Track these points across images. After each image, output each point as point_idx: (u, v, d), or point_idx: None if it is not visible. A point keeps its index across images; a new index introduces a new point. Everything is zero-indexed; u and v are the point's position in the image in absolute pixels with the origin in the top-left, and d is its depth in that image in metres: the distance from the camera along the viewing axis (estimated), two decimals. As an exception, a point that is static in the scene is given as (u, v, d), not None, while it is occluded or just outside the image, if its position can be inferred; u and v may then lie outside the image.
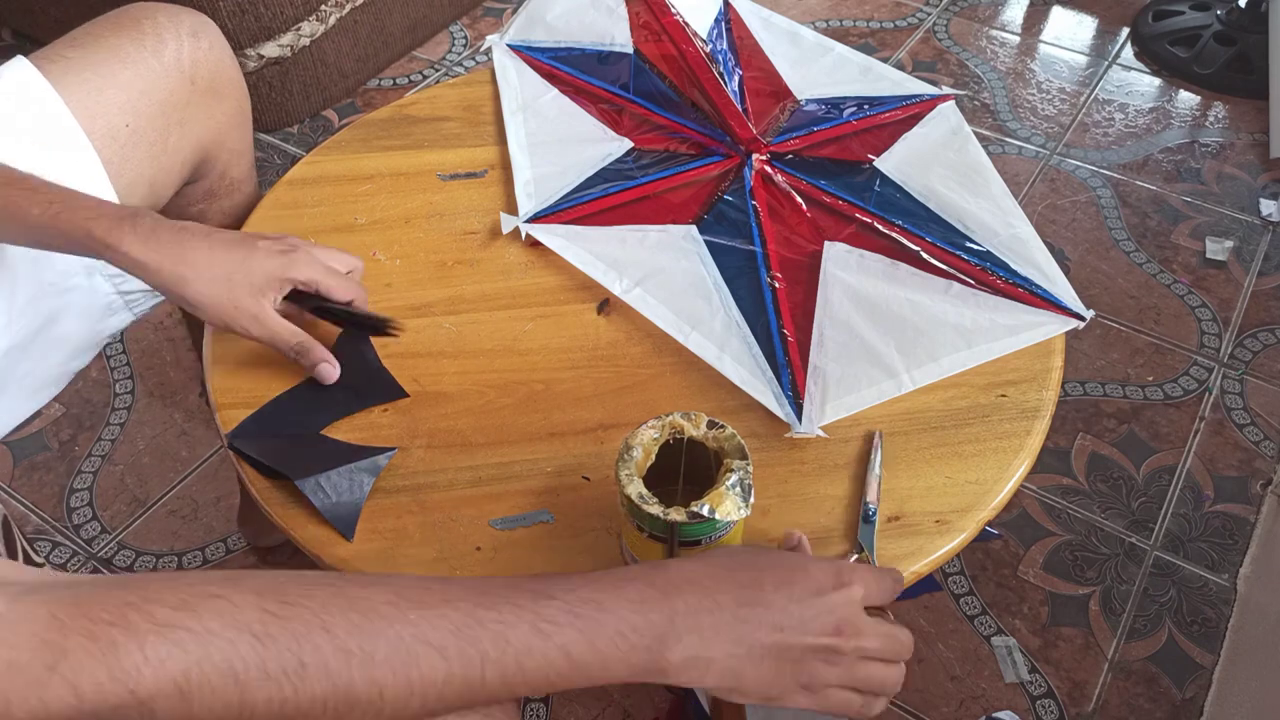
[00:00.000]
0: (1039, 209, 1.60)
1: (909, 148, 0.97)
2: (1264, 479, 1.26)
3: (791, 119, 0.99)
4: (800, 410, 0.74)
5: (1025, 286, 0.83)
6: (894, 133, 0.98)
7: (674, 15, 1.05)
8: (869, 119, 0.99)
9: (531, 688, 0.49)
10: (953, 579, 1.17)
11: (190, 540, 1.24)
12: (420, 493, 0.72)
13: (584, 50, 1.06)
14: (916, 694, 1.07)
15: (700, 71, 1.00)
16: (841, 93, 1.03)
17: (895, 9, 2.02)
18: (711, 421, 0.63)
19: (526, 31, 1.09)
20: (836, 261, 0.86)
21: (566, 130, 0.98)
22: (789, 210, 0.90)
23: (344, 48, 1.76)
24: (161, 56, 0.82)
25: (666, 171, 0.93)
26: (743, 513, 0.60)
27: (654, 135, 0.98)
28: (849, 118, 0.99)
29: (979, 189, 0.92)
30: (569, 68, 1.04)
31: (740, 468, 0.61)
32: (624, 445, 0.62)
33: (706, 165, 0.94)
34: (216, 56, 0.87)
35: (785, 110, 1.00)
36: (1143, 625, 1.13)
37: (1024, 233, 0.88)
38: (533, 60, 1.05)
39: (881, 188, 0.92)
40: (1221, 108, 1.80)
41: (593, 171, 0.93)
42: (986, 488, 0.71)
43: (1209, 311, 1.45)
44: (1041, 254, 0.86)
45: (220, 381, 0.78)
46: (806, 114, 1.00)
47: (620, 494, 0.61)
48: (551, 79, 1.04)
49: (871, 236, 0.88)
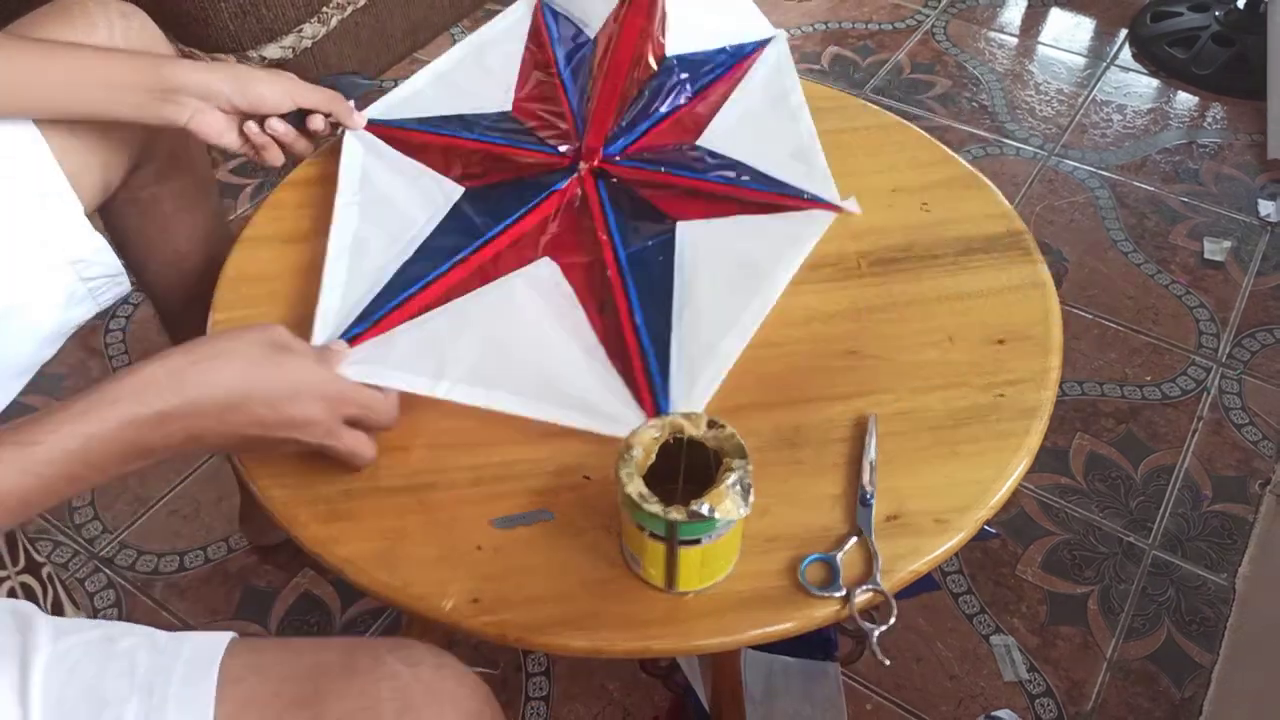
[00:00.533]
0: (1037, 210, 1.61)
1: (733, 113, 0.99)
2: (1262, 478, 1.26)
3: (636, 111, 0.98)
4: (661, 401, 0.74)
5: (789, 193, 0.89)
6: (724, 95, 1.01)
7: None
8: (700, 95, 1.00)
9: (43, 506, 0.58)
10: (951, 578, 1.17)
11: (192, 540, 1.24)
12: (421, 492, 0.72)
13: (462, 115, 0.98)
14: (915, 693, 1.07)
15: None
16: (695, 46, 1.04)
17: (894, 11, 2.02)
18: (711, 421, 0.64)
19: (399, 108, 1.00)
20: (689, 239, 0.87)
21: (395, 199, 0.89)
22: (629, 203, 0.90)
23: (345, 50, 1.76)
24: (93, 39, 0.84)
25: (498, 228, 0.86)
26: (742, 512, 0.60)
27: (485, 169, 0.92)
28: (682, 99, 1.00)
29: (785, 127, 0.97)
30: (441, 130, 0.96)
31: (740, 467, 0.61)
32: (624, 445, 0.63)
33: (542, 201, 0.89)
34: (148, 38, 0.89)
35: (635, 96, 0.99)
36: (1141, 624, 1.13)
37: (805, 148, 0.94)
38: (397, 132, 0.96)
39: (713, 159, 0.94)
40: (1219, 108, 1.81)
41: (409, 255, 0.84)
42: (985, 487, 0.71)
43: (1207, 311, 1.46)
44: (814, 160, 0.93)
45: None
46: (647, 106, 0.98)
47: (620, 493, 0.61)
48: (405, 145, 0.94)
49: (720, 203, 0.90)
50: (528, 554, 0.69)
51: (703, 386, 0.76)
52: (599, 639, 0.65)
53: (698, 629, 0.65)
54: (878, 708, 1.06)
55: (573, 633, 0.65)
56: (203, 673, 0.55)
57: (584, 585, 0.67)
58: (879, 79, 1.87)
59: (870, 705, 1.07)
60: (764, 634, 0.65)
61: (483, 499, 0.71)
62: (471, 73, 1.04)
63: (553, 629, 0.65)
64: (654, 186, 0.91)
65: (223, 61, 0.77)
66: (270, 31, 1.61)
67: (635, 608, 0.66)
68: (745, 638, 0.65)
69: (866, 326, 0.82)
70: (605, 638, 0.65)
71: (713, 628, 0.65)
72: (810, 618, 0.65)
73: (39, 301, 0.82)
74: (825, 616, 0.66)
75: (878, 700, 1.07)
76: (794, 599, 0.66)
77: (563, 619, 0.65)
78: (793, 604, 0.66)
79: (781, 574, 0.67)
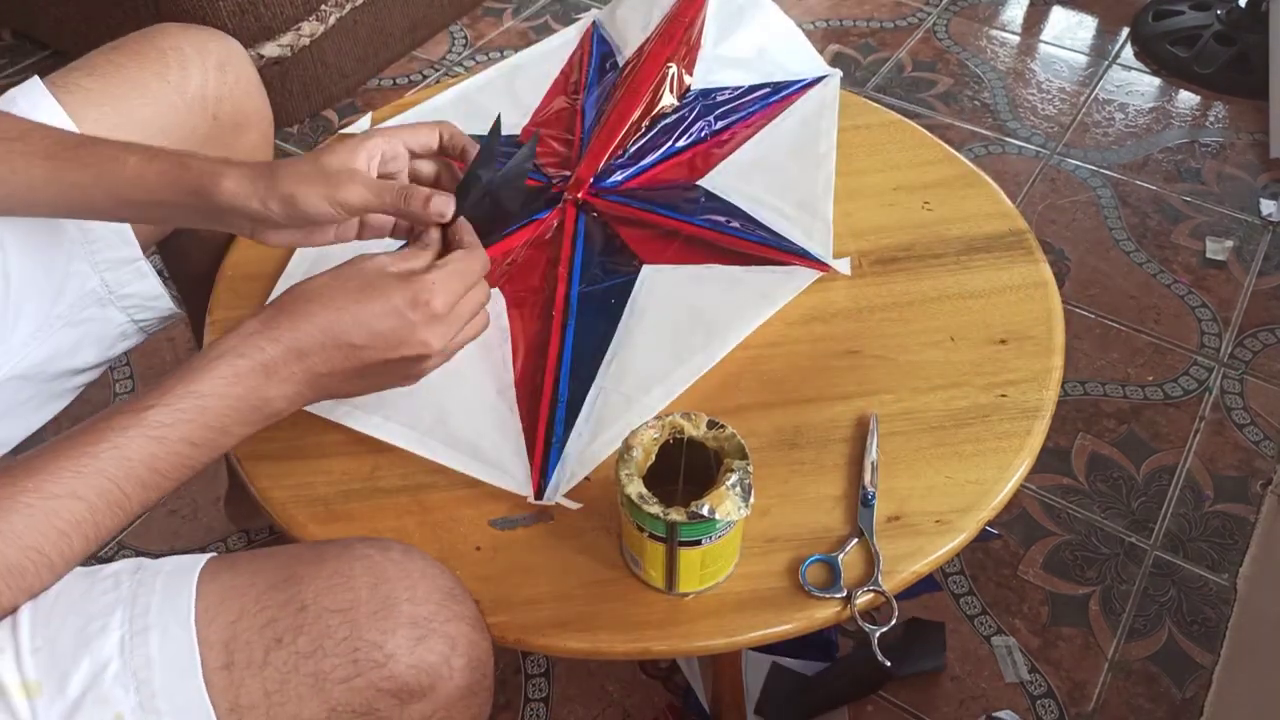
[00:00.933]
0: (1039, 209, 1.60)
1: (750, 154, 0.95)
2: (1264, 479, 1.26)
3: (645, 143, 0.95)
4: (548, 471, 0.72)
5: (775, 245, 0.85)
6: (751, 134, 0.96)
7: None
8: (725, 133, 0.95)
9: (179, 477, 0.59)
10: (953, 579, 1.17)
11: (191, 540, 1.24)
12: (420, 492, 0.72)
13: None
14: (916, 693, 1.07)
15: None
16: (734, 81, 1.00)
17: (895, 9, 2.02)
18: (712, 421, 0.63)
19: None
20: (650, 284, 0.83)
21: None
22: (602, 239, 0.87)
23: (344, 48, 1.76)
24: (185, 92, 0.80)
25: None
26: (743, 512, 0.60)
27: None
28: (704, 135, 0.95)
29: (802, 174, 0.92)
30: None
31: (740, 468, 0.61)
32: (624, 445, 0.62)
33: (520, 228, 0.87)
34: (243, 90, 0.84)
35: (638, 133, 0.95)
36: (1143, 625, 1.13)
37: (811, 193, 0.89)
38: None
39: (708, 201, 0.90)
40: (1221, 107, 1.80)
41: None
42: (986, 488, 0.71)
43: (1209, 311, 1.45)
44: (820, 210, 0.88)
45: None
46: (651, 142, 0.95)
47: (620, 494, 0.61)
48: None
49: (698, 249, 0.86)
50: (526, 555, 0.68)
51: (604, 441, 0.73)
52: (598, 640, 0.64)
53: (698, 630, 0.65)
54: (879, 708, 1.06)
55: (572, 634, 0.65)
56: (184, 578, 0.58)
57: (583, 586, 0.67)
58: (880, 77, 1.86)
59: (871, 706, 1.06)
60: (765, 635, 0.65)
61: (481, 499, 0.71)
62: (497, 94, 1.02)
63: (552, 630, 0.65)
64: (634, 224, 0.89)
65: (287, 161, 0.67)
66: (269, 30, 1.61)
67: (635, 609, 0.65)
68: (746, 639, 0.65)
69: (868, 326, 0.82)
70: (605, 639, 0.65)
71: (713, 629, 0.65)
72: (811, 619, 0.65)
73: (89, 341, 0.81)
74: (826, 618, 0.65)
75: (879, 701, 1.07)
76: (795, 600, 0.65)
77: (562, 620, 0.65)
78: (793, 605, 0.65)
79: (782, 575, 0.67)
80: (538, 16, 2.02)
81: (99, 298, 0.80)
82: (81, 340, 0.80)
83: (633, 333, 0.80)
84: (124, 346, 0.85)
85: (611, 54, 1.04)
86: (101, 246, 0.78)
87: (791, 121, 0.98)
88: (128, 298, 0.81)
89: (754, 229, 0.87)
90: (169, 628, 0.55)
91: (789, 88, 1.01)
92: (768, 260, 0.85)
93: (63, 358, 0.79)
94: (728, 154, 0.95)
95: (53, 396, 0.82)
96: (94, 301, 0.80)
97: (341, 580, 0.57)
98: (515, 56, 1.07)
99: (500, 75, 1.05)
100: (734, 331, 0.80)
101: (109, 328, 0.82)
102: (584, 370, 0.77)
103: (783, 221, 0.88)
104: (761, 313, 0.81)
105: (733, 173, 0.93)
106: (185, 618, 0.56)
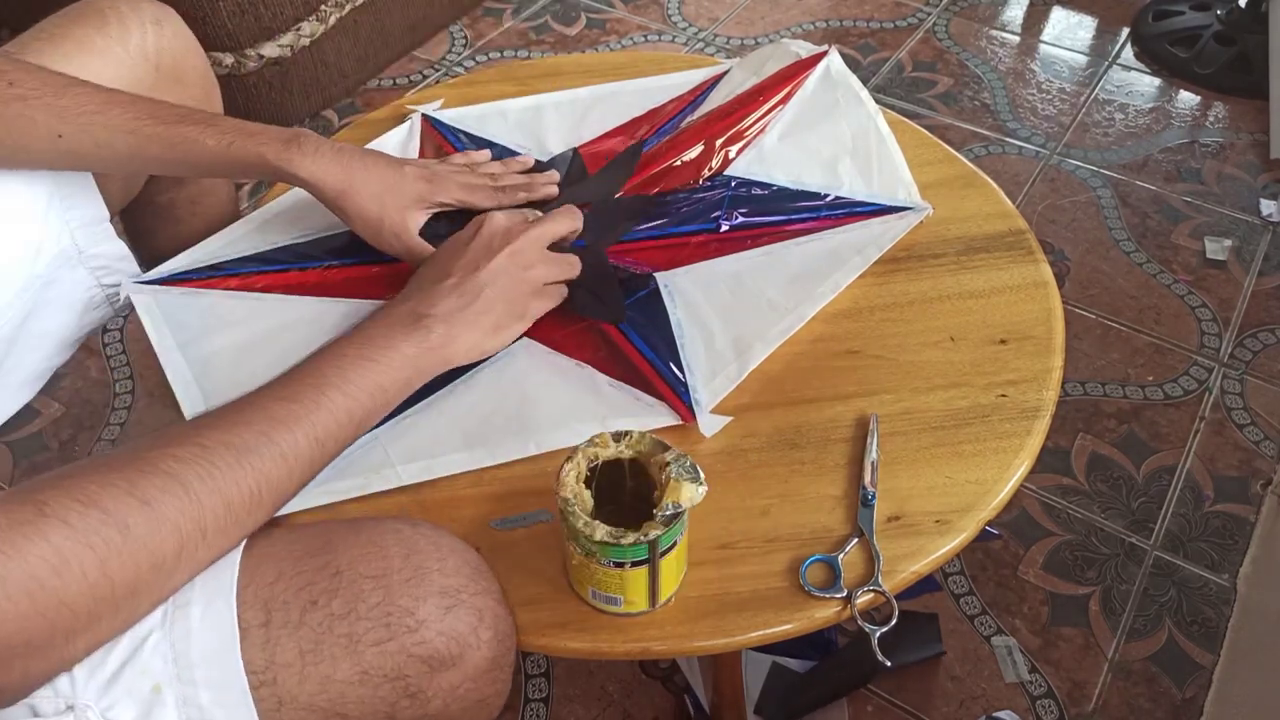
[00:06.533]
0: (1039, 209, 1.60)
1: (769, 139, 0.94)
2: (1264, 479, 1.26)
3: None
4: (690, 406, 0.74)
5: (859, 211, 0.88)
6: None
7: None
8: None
9: (366, 423, 0.68)
10: (953, 579, 1.17)
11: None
12: (420, 492, 0.72)
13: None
14: (916, 694, 1.07)
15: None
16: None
17: (895, 9, 2.02)
18: (617, 434, 0.63)
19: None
20: (674, 286, 0.83)
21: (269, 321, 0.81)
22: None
23: (344, 48, 1.76)
24: (127, 44, 0.84)
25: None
26: (702, 490, 0.60)
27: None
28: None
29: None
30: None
31: (672, 456, 0.61)
32: (560, 501, 0.60)
33: None
34: (181, 44, 0.88)
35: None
36: (1143, 625, 1.13)
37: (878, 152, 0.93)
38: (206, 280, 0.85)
39: (734, 189, 0.90)
40: (1221, 108, 1.80)
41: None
42: (987, 488, 0.71)
43: (1209, 311, 1.45)
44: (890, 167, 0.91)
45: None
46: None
47: (583, 548, 0.60)
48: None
49: (711, 248, 0.86)
50: (527, 555, 0.68)
51: (721, 381, 0.76)
52: (598, 640, 0.64)
53: (698, 630, 0.64)
54: (879, 708, 1.06)
55: (572, 634, 0.64)
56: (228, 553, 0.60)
57: (583, 586, 0.67)
58: (880, 77, 1.86)
59: (871, 706, 1.06)
60: (764, 635, 0.65)
61: (481, 499, 0.71)
62: (574, 111, 0.99)
63: (552, 630, 0.65)
64: (630, 252, 0.86)
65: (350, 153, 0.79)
66: (269, 30, 1.61)
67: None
68: (746, 639, 0.65)
69: (868, 326, 0.82)
70: (605, 639, 0.64)
71: (713, 629, 0.64)
72: (811, 619, 0.65)
73: (58, 306, 0.82)
74: (826, 618, 0.65)
75: (879, 701, 1.07)
76: (795, 600, 0.65)
77: (562, 620, 0.65)
78: (794, 605, 0.65)
79: (782, 575, 0.66)
80: (538, 17, 2.02)
81: (69, 258, 0.82)
82: (51, 304, 0.82)
83: (682, 321, 0.80)
84: (94, 319, 0.86)
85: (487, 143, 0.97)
86: (74, 204, 0.81)
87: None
88: (95, 258, 0.83)
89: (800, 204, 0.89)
90: (212, 600, 0.57)
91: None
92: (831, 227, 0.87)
93: (36, 322, 0.81)
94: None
95: (30, 378, 0.83)
96: (64, 262, 0.82)
97: (375, 549, 0.59)
98: (634, 82, 1.02)
99: (594, 95, 1.01)
100: (829, 284, 0.83)
101: (78, 291, 0.84)
102: (661, 350, 0.78)
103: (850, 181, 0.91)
104: (855, 266, 0.84)
105: (751, 158, 0.94)
106: (228, 591, 0.57)
